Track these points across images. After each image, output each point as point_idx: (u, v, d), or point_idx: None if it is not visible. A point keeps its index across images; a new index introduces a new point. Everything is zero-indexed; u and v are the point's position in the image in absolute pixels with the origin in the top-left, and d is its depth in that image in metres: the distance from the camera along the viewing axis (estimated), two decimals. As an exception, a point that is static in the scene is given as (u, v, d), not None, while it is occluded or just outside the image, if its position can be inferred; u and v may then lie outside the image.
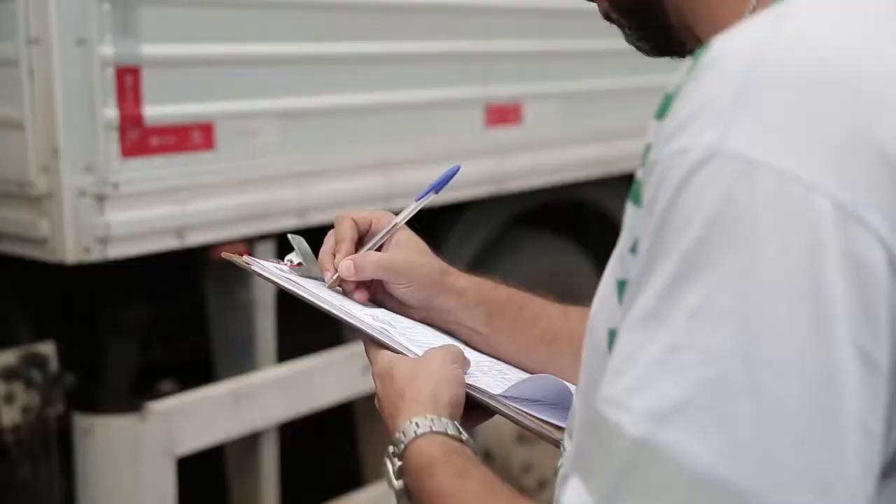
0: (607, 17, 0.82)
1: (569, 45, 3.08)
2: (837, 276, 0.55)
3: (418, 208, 1.06)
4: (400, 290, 1.02)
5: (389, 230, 1.04)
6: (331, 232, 1.05)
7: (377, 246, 1.04)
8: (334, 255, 1.03)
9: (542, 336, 1.02)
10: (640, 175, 0.63)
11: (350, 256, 1.01)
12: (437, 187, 1.06)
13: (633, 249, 0.62)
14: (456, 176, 1.07)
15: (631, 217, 0.64)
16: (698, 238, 0.57)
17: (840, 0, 0.65)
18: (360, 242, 1.04)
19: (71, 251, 2.13)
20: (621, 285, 0.65)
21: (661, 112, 0.62)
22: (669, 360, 0.57)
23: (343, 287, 1.02)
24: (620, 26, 0.82)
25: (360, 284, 1.02)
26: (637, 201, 0.63)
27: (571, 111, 3.22)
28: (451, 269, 1.05)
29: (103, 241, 2.15)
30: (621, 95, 3.28)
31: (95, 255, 2.15)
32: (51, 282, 2.39)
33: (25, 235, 2.20)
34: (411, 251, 1.03)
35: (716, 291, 0.56)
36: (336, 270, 1.01)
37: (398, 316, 1.02)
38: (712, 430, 0.56)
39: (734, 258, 0.56)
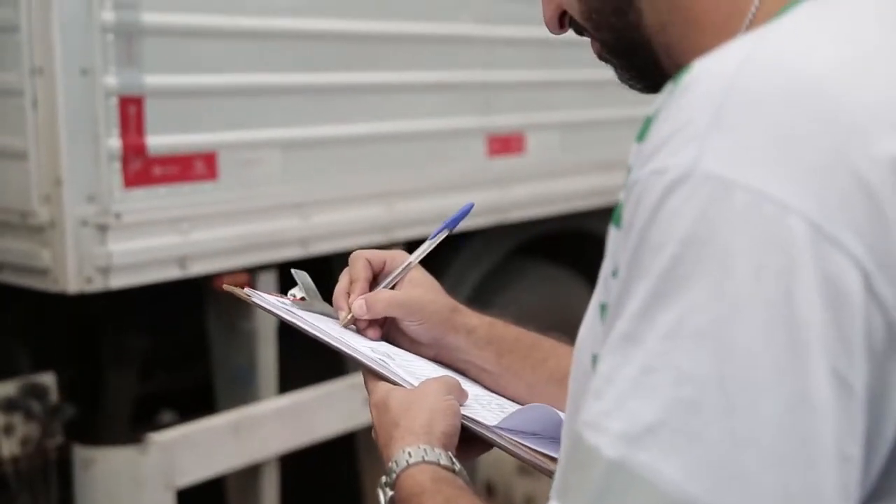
0: (601, 57, 0.83)
1: (570, 74, 3.09)
2: (812, 298, 0.55)
3: (432, 247, 1.07)
4: (411, 327, 1.03)
5: (403, 269, 1.05)
6: (345, 271, 1.07)
7: (391, 285, 1.05)
8: (349, 295, 1.04)
9: (552, 376, 1.02)
10: (621, 197, 0.63)
11: (362, 296, 1.02)
12: (451, 225, 1.07)
13: (615, 273, 0.62)
14: (457, 209, 1.07)
15: (612, 240, 0.64)
16: (673, 258, 0.57)
17: (818, 25, 0.65)
18: (374, 281, 1.06)
19: (72, 281, 2.13)
20: (603, 309, 0.65)
21: (642, 134, 0.63)
22: (644, 382, 0.57)
23: (357, 325, 1.03)
24: (613, 66, 0.83)
25: (373, 323, 1.03)
26: (618, 224, 0.63)
27: (573, 141, 3.23)
28: (462, 308, 1.06)
29: (105, 271, 2.15)
30: (623, 125, 3.28)
31: (97, 286, 2.15)
32: (51, 312, 2.38)
33: (27, 266, 2.20)
34: (423, 289, 1.04)
35: (690, 312, 0.56)
36: (350, 310, 1.02)
37: (398, 349, 1.03)
38: (685, 452, 0.55)
39: (708, 278, 0.56)
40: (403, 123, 2.73)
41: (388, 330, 1.05)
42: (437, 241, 1.07)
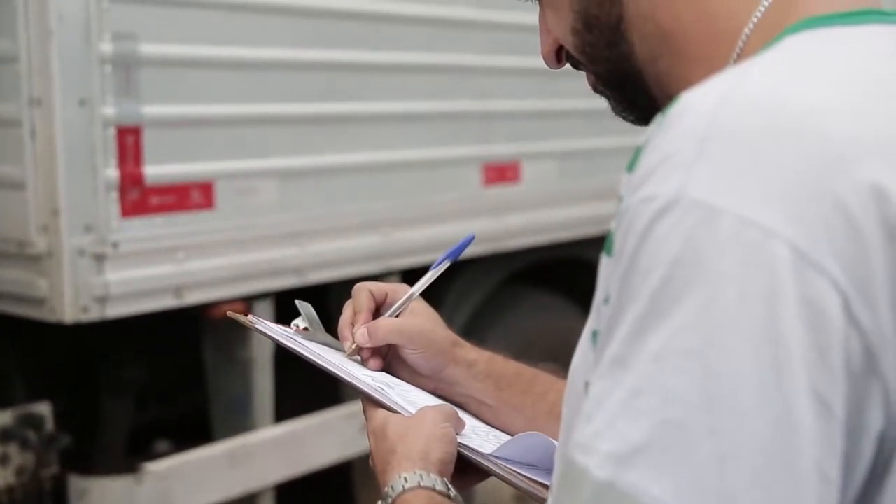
0: (596, 90, 0.85)
1: (566, 104, 3.11)
2: (794, 320, 0.57)
3: (434, 278, 1.08)
4: (412, 355, 1.04)
5: (406, 300, 1.06)
6: (348, 303, 1.08)
7: (394, 316, 1.06)
8: (353, 326, 1.05)
9: (552, 410, 1.03)
10: (612, 226, 0.64)
11: (365, 325, 1.04)
12: (453, 256, 1.08)
13: (607, 300, 0.64)
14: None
15: (604, 268, 0.66)
16: (661, 281, 0.59)
17: (803, 56, 0.67)
18: (377, 312, 1.07)
19: (69, 311, 2.13)
20: (595, 336, 0.66)
21: (632, 165, 0.64)
22: (633, 403, 0.58)
23: (360, 355, 1.05)
24: (607, 98, 0.85)
25: (375, 353, 1.04)
26: (609, 252, 0.65)
27: (569, 170, 3.25)
28: (463, 342, 1.07)
29: (102, 300, 2.15)
30: (617, 154, 3.30)
31: (94, 315, 2.15)
32: (47, 341, 2.38)
33: (24, 295, 2.20)
34: (424, 319, 1.06)
35: (677, 334, 0.58)
36: (354, 339, 1.04)
37: (397, 379, 1.03)
38: (672, 472, 0.57)
39: (695, 301, 0.58)
40: (399, 153, 2.74)
41: (390, 361, 1.06)
42: (440, 272, 1.08)
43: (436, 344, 1.04)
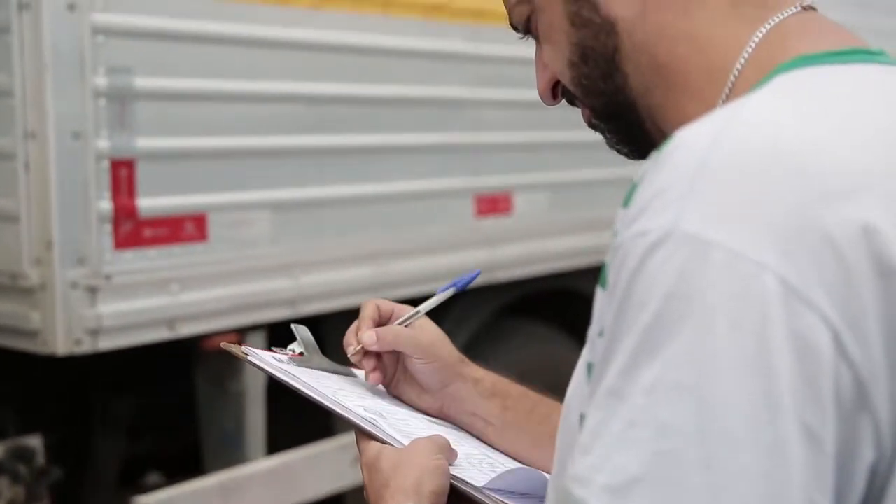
0: (590, 125, 0.87)
1: (557, 136, 3.13)
2: (784, 353, 0.57)
3: (439, 302, 1.10)
4: (419, 366, 1.05)
5: (413, 315, 1.08)
6: (357, 320, 1.09)
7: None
8: (358, 333, 1.06)
9: (555, 433, 1.04)
10: (607, 260, 0.65)
11: (373, 329, 1.05)
12: (459, 286, 1.11)
13: (601, 333, 0.64)
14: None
15: (599, 301, 0.67)
16: (654, 315, 0.60)
17: (794, 94, 0.68)
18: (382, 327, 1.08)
19: (61, 343, 2.13)
20: (590, 368, 0.67)
21: (627, 200, 0.65)
22: (628, 436, 0.59)
23: (363, 365, 1.05)
24: (601, 132, 0.87)
25: (378, 365, 1.05)
26: (604, 285, 0.66)
27: (561, 201, 3.26)
28: (469, 361, 1.09)
29: (94, 332, 2.15)
30: (610, 185, 3.32)
31: (86, 347, 2.15)
32: (39, 373, 2.38)
33: (16, 327, 2.20)
34: (430, 333, 1.08)
35: (670, 367, 0.59)
36: (358, 343, 1.05)
37: (391, 407, 1.04)
38: (668, 503, 0.57)
39: (688, 334, 0.59)
40: (392, 184, 2.75)
41: (396, 377, 1.07)
42: (445, 298, 1.10)
43: (444, 357, 1.06)
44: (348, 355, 1.05)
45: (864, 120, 0.67)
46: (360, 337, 1.04)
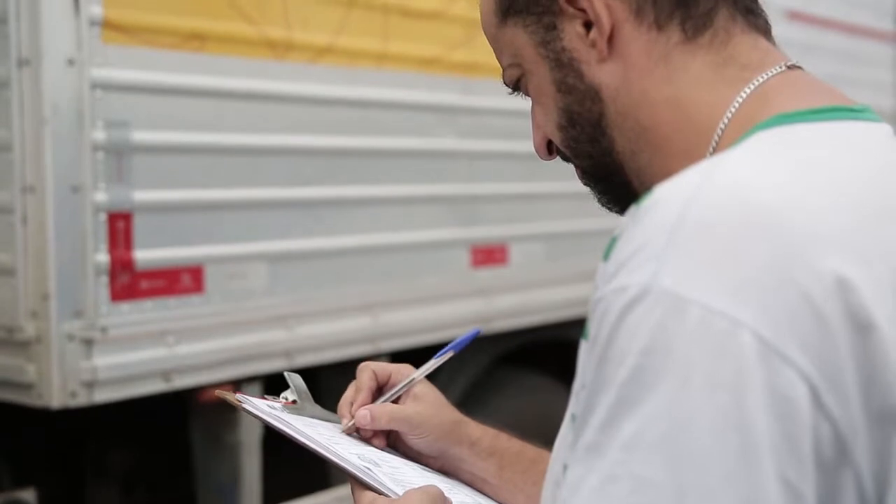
0: (583, 182, 0.90)
1: (553, 187, 3.15)
2: (761, 409, 0.58)
3: (437, 365, 1.11)
4: (414, 440, 1.06)
5: (407, 384, 1.08)
6: (352, 384, 1.09)
7: (395, 397, 1.08)
8: (352, 404, 1.07)
9: None
10: (588, 313, 0.66)
11: (367, 406, 1.05)
12: (456, 348, 1.11)
13: (584, 385, 0.65)
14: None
15: (582, 354, 0.67)
16: (632, 370, 0.61)
17: (769, 152, 0.69)
18: (379, 392, 1.09)
19: (57, 396, 2.12)
20: (574, 419, 0.67)
21: (607, 254, 0.66)
22: (606, 490, 0.60)
23: (362, 434, 1.06)
24: (592, 190, 0.90)
25: (378, 432, 1.06)
26: (586, 338, 0.66)
27: (556, 251, 3.27)
28: (467, 420, 1.09)
29: (90, 385, 2.15)
30: (606, 236, 3.31)
31: (81, 400, 2.14)
32: (33, 426, 2.37)
33: (11, 380, 2.19)
34: (426, 404, 1.08)
35: (648, 422, 0.59)
36: (353, 417, 1.05)
37: (387, 455, 1.04)
38: None
39: (665, 390, 0.59)
40: (388, 236, 2.77)
41: (395, 440, 1.08)
42: (441, 362, 1.10)
43: (439, 428, 1.06)
44: (342, 429, 1.05)
45: (839, 176, 0.68)
46: (353, 413, 1.05)
